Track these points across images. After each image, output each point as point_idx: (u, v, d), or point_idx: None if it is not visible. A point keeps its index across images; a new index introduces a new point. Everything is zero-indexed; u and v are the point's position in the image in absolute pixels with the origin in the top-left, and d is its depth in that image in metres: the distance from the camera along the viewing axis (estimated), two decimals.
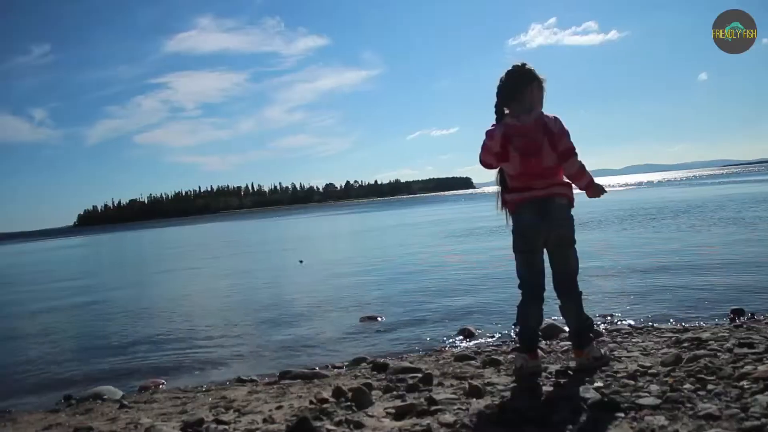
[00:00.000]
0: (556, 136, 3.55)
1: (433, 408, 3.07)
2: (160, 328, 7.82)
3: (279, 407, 3.45)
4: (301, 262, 14.89)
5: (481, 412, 3.01)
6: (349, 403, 3.29)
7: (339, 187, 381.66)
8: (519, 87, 3.63)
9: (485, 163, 3.72)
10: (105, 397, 4.64)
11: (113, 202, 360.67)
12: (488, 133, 3.63)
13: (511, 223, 3.74)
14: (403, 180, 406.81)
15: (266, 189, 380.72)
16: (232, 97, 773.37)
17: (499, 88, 3.70)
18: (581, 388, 3.23)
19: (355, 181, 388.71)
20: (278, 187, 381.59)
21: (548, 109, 3.73)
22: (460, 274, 10.23)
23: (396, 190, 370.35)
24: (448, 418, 2.92)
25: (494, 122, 3.71)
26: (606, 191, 3.84)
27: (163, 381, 5.15)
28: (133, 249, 37.34)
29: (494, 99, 3.73)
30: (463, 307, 7.31)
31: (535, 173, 3.55)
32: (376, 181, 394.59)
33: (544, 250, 3.70)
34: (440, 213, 40.63)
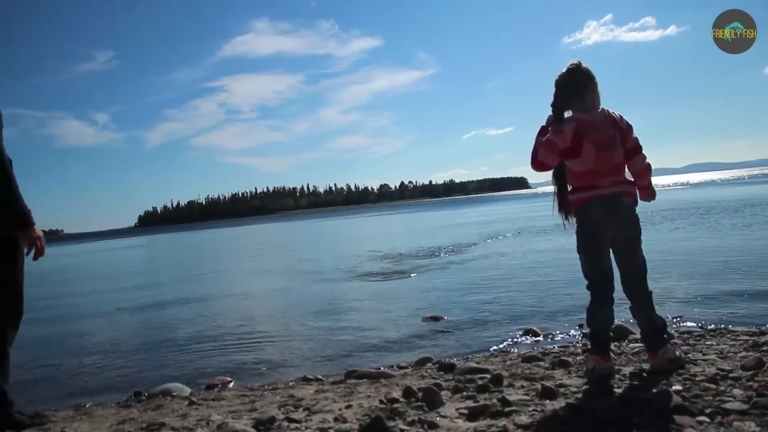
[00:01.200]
0: (623, 131, 3.52)
1: (507, 409, 3.01)
2: (222, 327, 7.93)
3: (348, 406, 3.43)
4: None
5: (556, 414, 2.94)
6: (419, 404, 3.25)
7: (394, 188, 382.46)
8: (582, 85, 3.59)
9: (542, 163, 3.64)
10: (174, 394, 4.71)
11: (172, 204, 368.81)
12: (553, 130, 3.56)
13: (573, 223, 3.68)
14: (457, 180, 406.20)
15: (321, 190, 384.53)
16: (288, 99, 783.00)
17: (561, 85, 3.64)
18: (660, 391, 3.13)
19: (410, 182, 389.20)
20: (333, 188, 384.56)
21: (607, 106, 3.67)
22: (519, 274, 10.11)
23: (450, 190, 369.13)
24: (524, 419, 2.86)
25: (549, 121, 3.65)
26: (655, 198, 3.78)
27: (230, 379, 5.20)
28: (192, 248, 38.00)
29: (550, 98, 3.67)
30: (525, 308, 7.21)
31: (605, 170, 3.49)
32: (430, 182, 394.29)
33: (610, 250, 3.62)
34: (494, 212, 40.31)
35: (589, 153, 3.46)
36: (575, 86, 3.59)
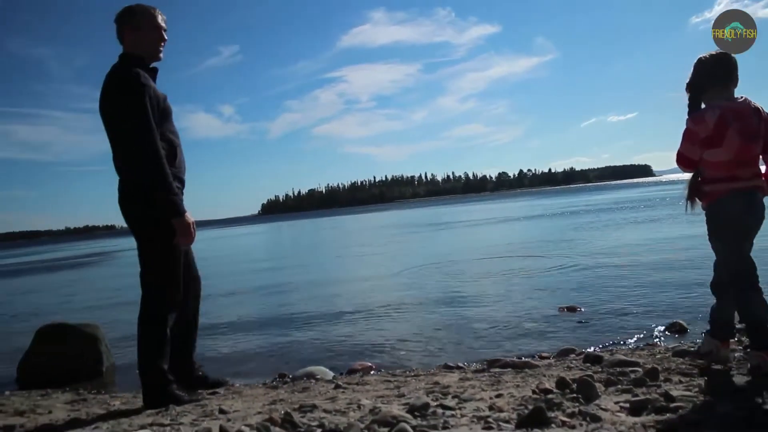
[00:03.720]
0: (765, 122, 3.36)
1: (672, 405, 2.87)
2: (356, 312, 8.07)
3: (499, 395, 3.38)
4: None
5: (726, 412, 2.77)
6: (575, 395, 3.15)
7: (512, 176, 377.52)
8: (729, 73, 3.43)
9: (685, 157, 3.53)
10: (318, 377, 4.81)
11: (293, 192, 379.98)
12: (692, 118, 3.45)
13: (697, 210, 3.59)
14: (577, 168, 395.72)
15: (439, 178, 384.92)
16: (405, 88, 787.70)
17: (703, 73, 3.49)
18: None
19: (528, 170, 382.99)
20: (451, 177, 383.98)
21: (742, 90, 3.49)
22: (656, 264, 9.70)
23: (570, 178, 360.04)
24: (692, 416, 2.71)
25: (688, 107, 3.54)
26: None
27: (370, 364, 5.27)
28: (317, 235, 38.89)
29: (680, 80, 3.60)
30: (666, 300, 6.89)
31: (745, 160, 3.36)
32: (549, 170, 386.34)
33: None
34: (618, 199, 38.92)
35: (733, 143, 3.31)
36: (719, 78, 3.44)
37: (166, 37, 3.88)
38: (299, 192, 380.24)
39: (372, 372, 5.03)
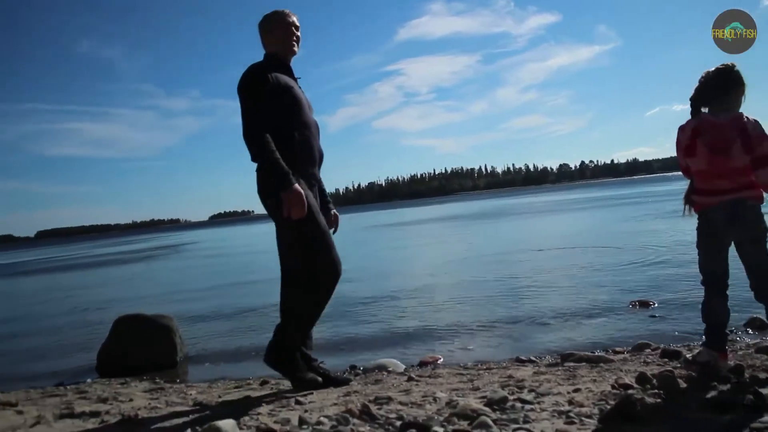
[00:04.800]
0: (753, 139, 3.39)
1: (763, 403, 2.78)
2: (419, 303, 8.08)
3: (576, 390, 3.33)
4: None
5: None
6: (656, 391, 3.09)
7: (573, 167, 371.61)
8: (725, 89, 3.51)
9: (680, 165, 3.73)
10: (389, 369, 4.83)
11: (353, 185, 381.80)
12: (680, 127, 3.61)
13: (695, 217, 3.67)
14: (641, 159, 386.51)
15: (499, 170, 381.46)
16: (464, 80, 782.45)
17: (703, 84, 3.59)
18: None
19: (590, 161, 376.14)
20: (511, 169, 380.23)
21: None
22: (733, 257, 9.39)
23: (634, 169, 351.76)
24: None
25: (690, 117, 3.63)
26: None
27: (439, 357, 5.26)
28: (377, 228, 39.00)
29: (692, 93, 3.64)
30: (743, 295, 6.62)
31: (719, 173, 3.44)
32: (612, 161, 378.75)
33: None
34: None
35: (702, 154, 3.48)
36: (716, 90, 3.54)
37: (298, 34, 4.10)
38: (359, 185, 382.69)
39: (440, 364, 5.03)
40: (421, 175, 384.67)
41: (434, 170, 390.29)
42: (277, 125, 3.76)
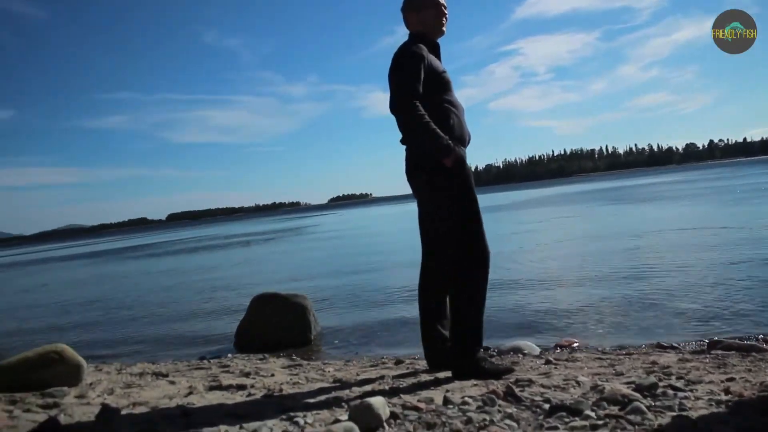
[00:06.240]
0: None
1: None
2: (547, 283, 7.96)
3: (730, 379, 3.18)
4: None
5: None
6: None
7: (701, 147, 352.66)
8: None
9: None
10: (525, 351, 4.79)
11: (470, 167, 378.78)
12: None
13: None
14: None
15: (621, 151, 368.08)
16: (583, 58, 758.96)
17: None
18: None
19: (720, 140, 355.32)
20: (633, 149, 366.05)
21: None
22: None
23: None
24: None
25: None
26: None
27: (575, 340, 5.16)
28: (503, 209, 38.63)
29: None
30: None
31: None
32: (744, 139, 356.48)
33: None
34: None
35: None
36: None
37: (446, 12, 4.00)
38: (476, 167, 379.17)
39: (576, 347, 4.93)
40: (539, 156, 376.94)
41: (552, 152, 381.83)
42: (433, 106, 3.73)
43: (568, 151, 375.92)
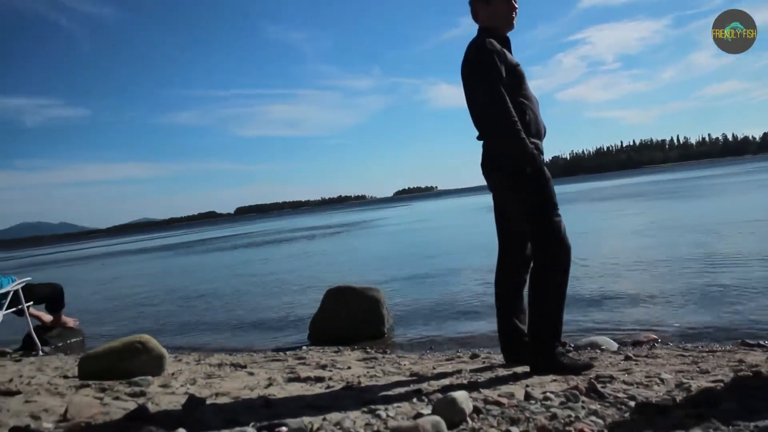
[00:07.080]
0: None
1: None
2: (625, 279, 7.78)
3: None
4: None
5: None
6: None
7: None
8: None
9: None
10: (603, 347, 4.71)
11: None
12: None
13: None
14: None
15: (693, 141, 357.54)
16: (652, 46, 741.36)
17: None
18: None
19: None
20: (706, 139, 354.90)
21: None
22: None
23: None
24: None
25: None
26: None
27: (656, 337, 5.03)
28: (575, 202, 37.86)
29: None
30: None
31: None
32: None
33: None
34: None
35: None
36: None
37: (516, 6, 3.95)
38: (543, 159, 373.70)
39: (656, 344, 4.81)
40: (608, 147, 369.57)
41: (621, 142, 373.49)
42: (512, 103, 3.68)
43: (637, 142, 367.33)
